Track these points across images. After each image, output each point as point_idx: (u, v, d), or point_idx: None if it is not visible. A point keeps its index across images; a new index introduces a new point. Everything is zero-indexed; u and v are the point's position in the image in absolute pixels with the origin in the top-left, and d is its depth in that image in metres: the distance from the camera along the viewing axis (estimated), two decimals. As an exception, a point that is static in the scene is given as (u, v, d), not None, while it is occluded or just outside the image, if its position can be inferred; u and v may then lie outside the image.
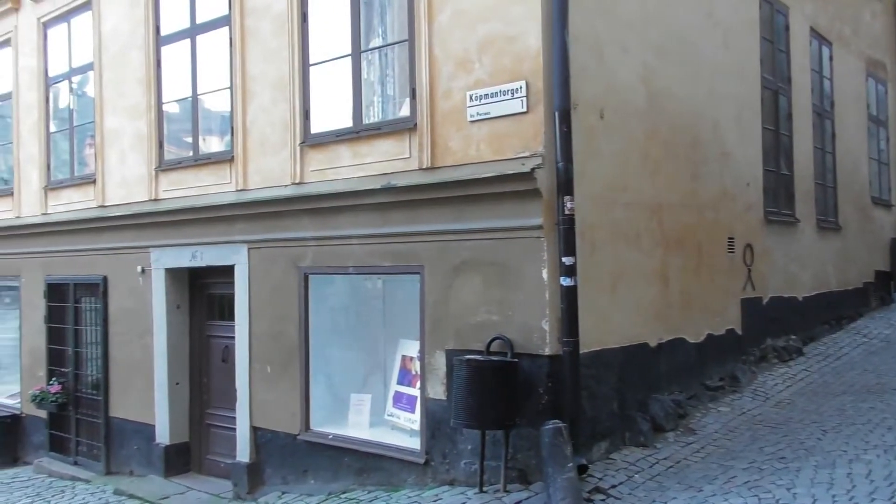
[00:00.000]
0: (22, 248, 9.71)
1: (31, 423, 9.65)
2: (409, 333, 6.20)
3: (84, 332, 9.06)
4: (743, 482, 4.84)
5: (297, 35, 6.43)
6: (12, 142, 9.89)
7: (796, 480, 4.73)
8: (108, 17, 8.38)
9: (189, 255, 7.57)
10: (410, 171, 5.71)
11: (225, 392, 7.47)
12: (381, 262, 6.05)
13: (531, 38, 5.04)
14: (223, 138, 7.47)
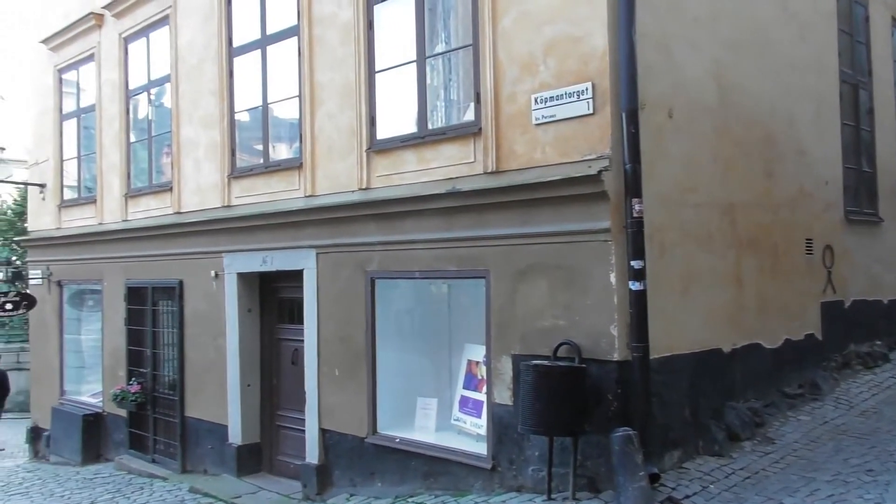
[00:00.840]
0: (104, 253, 10.15)
1: (113, 422, 10.08)
2: (475, 338, 6.19)
3: (161, 334, 9.41)
4: (827, 495, 4.63)
5: (364, 43, 6.52)
6: (96, 152, 10.36)
7: (885, 495, 4.49)
8: (184, 32, 8.69)
9: (260, 260, 7.76)
10: (475, 175, 5.70)
11: (294, 394, 7.62)
12: (446, 266, 6.07)
13: (597, 38, 4.96)
14: (292, 145, 7.63)
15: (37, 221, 12.03)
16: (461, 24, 6.06)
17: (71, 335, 11.45)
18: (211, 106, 8.30)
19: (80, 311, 11.55)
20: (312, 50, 7.05)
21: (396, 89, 6.50)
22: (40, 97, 11.83)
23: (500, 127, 5.53)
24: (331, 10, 6.84)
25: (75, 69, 11.04)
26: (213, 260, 8.30)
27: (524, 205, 5.38)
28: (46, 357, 11.63)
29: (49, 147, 11.49)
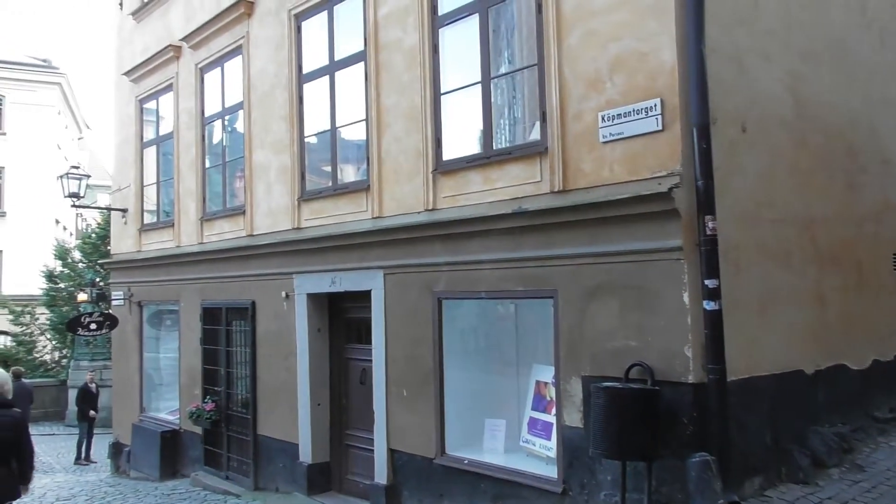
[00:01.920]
0: (181, 274, 10.53)
1: (189, 439, 10.38)
2: (543, 358, 6.12)
3: (234, 354, 9.67)
4: (923, 529, 4.34)
5: (429, 66, 6.60)
6: (173, 177, 10.80)
7: None
8: (256, 60, 9.00)
9: (329, 281, 7.89)
10: (542, 194, 5.66)
11: (363, 414, 7.69)
12: (513, 286, 6.03)
13: (665, 53, 4.87)
14: (359, 168, 7.77)
15: (119, 245, 12.60)
16: (525, 43, 6.06)
17: (150, 354, 11.88)
18: (281, 131, 8.53)
19: (158, 330, 11.99)
20: (379, 74, 7.17)
21: (461, 110, 6.55)
22: (123, 126, 12.44)
23: (567, 145, 5.48)
24: (396, 35, 6.96)
25: (155, 99, 11.57)
26: (284, 281, 8.49)
27: (592, 224, 5.31)
28: (127, 375, 12.11)
29: (131, 173, 12.04)
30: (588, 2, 5.34)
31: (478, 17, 6.18)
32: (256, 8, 9.01)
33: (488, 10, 6.13)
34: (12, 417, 5.80)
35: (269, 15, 8.77)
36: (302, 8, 8.20)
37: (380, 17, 7.16)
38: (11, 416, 5.81)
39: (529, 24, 5.91)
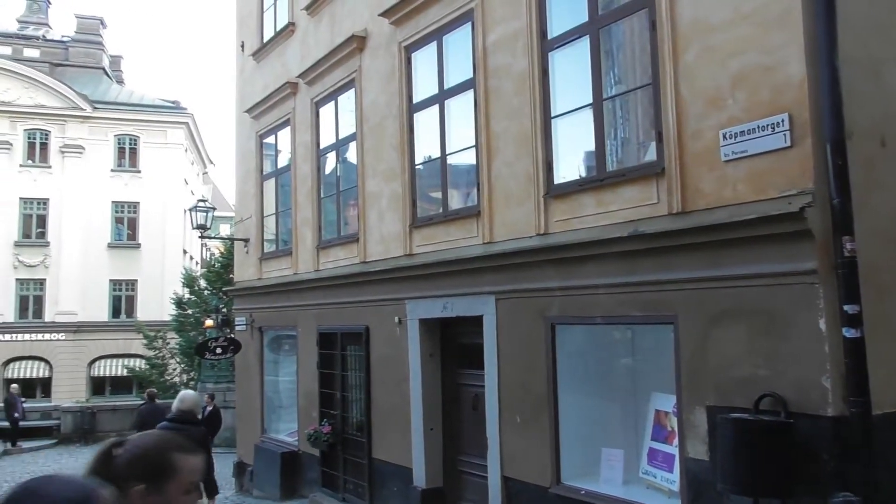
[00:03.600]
0: (299, 301, 10.94)
1: (307, 460, 10.69)
2: (663, 387, 5.88)
3: (350, 378, 9.91)
4: None
5: (539, 90, 6.59)
6: (291, 207, 11.30)
7: None
8: (367, 93, 9.32)
9: (440, 306, 7.96)
10: (659, 216, 5.48)
11: (476, 439, 7.65)
12: (630, 311, 5.85)
13: (793, 66, 4.62)
14: (469, 194, 7.83)
15: (241, 273, 13.27)
16: (639, 63, 5.93)
17: (270, 377, 12.39)
18: (393, 160, 8.75)
19: (277, 354, 12.49)
20: (488, 101, 7.23)
21: (572, 133, 6.49)
22: (244, 161, 13.17)
23: (685, 165, 5.29)
24: (506, 61, 7.01)
25: (273, 134, 12.19)
26: (397, 306, 8.64)
27: (714, 246, 5.08)
28: (249, 397, 12.66)
29: (252, 205, 12.70)
30: (706, 17, 5.17)
31: (588, 38, 6.12)
32: (368, 42, 9.35)
33: (599, 31, 6.06)
34: (200, 434, 6.83)
35: (380, 48, 9.07)
36: (412, 40, 8.43)
37: (488, 44, 7.24)
38: (200, 432, 6.86)
39: (642, 43, 5.79)
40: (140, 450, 1.87)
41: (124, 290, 33.68)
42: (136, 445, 1.88)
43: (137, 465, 1.83)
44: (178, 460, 1.88)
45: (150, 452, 1.88)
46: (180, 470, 1.87)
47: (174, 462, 1.87)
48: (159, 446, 1.93)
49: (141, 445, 1.89)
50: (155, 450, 1.90)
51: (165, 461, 1.87)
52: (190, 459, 1.91)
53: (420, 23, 8.24)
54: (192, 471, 1.90)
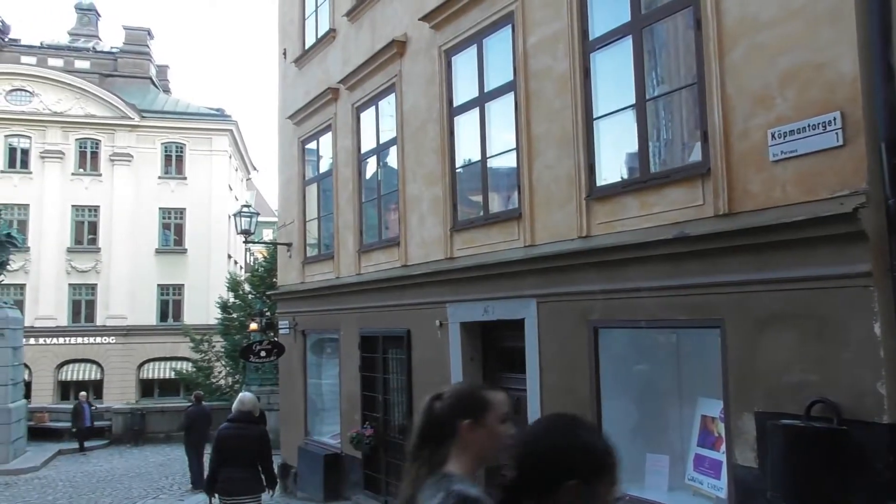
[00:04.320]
0: (341, 304, 11.05)
1: (349, 462, 10.77)
2: (709, 392, 5.76)
3: (391, 381, 9.95)
4: None
5: (580, 92, 6.54)
6: (333, 212, 11.42)
7: None
8: (408, 97, 9.37)
9: (481, 310, 7.95)
10: (704, 218, 5.38)
11: (517, 444, 7.59)
12: (674, 315, 5.75)
13: (845, 63, 4.49)
14: (510, 197, 7.80)
15: (284, 277, 13.46)
16: (683, 62, 5.84)
17: (313, 380, 12.53)
18: (433, 163, 8.78)
19: (320, 358, 12.63)
20: (529, 103, 7.20)
21: (615, 135, 6.42)
22: (287, 166, 13.37)
23: (732, 166, 5.19)
24: (546, 63, 6.97)
25: (315, 139, 12.35)
26: (438, 310, 8.65)
27: (763, 248, 4.96)
28: (293, 400, 12.82)
29: (294, 210, 12.88)
30: (753, 15, 5.06)
31: (631, 38, 6.05)
32: (408, 47, 9.40)
33: (642, 31, 5.99)
34: (258, 431, 7.51)
35: (420, 53, 9.11)
36: (452, 44, 8.45)
37: (529, 46, 7.21)
38: (258, 430, 7.52)
39: (687, 42, 5.70)
40: (459, 394, 2.23)
41: (171, 295, 34.50)
42: (454, 392, 2.23)
43: (459, 405, 2.17)
44: (490, 396, 2.22)
45: (467, 394, 2.24)
46: (493, 403, 2.19)
47: (487, 398, 2.20)
48: (473, 388, 2.31)
49: (458, 391, 2.25)
50: (470, 391, 2.27)
51: (481, 398, 2.20)
52: (498, 395, 2.24)
53: (460, 26, 8.26)
54: (502, 403, 2.22)
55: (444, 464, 2.10)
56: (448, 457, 2.11)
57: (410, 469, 2.17)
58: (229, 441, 7.25)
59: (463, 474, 2.07)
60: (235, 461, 7.16)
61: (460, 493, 1.97)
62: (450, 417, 2.14)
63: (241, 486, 7.19)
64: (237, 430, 7.29)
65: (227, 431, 7.32)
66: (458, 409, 2.15)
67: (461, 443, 2.12)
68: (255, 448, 7.31)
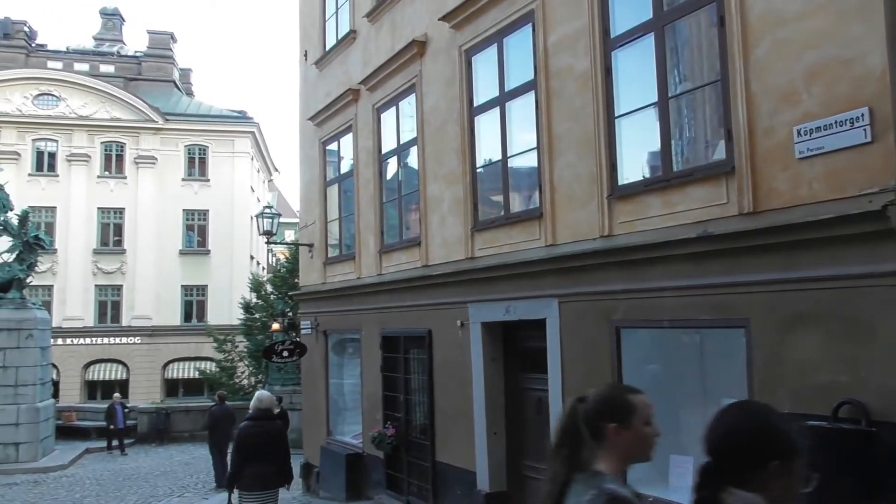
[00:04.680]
0: (362, 305, 11.08)
1: (371, 462, 10.80)
2: (733, 392, 5.66)
3: (413, 381, 9.96)
4: None
5: (602, 90, 6.49)
6: (354, 213, 11.46)
7: None
8: (428, 97, 9.37)
9: (503, 310, 7.92)
10: (729, 217, 5.31)
11: (540, 444, 7.57)
12: (698, 315, 5.68)
13: (874, 57, 4.41)
14: (531, 196, 7.77)
15: (306, 277, 13.53)
16: (706, 59, 5.77)
17: (335, 380, 12.58)
18: (454, 163, 8.77)
19: (342, 357, 12.68)
20: (550, 102, 7.17)
21: (637, 133, 6.36)
22: (308, 167, 13.44)
23: (757, 164, 5.12)
24: (567, 62, 6.93)
25: (336, 140, 12.40)
26: (459, 310, 8.64)
27: (789, 247, 4.88)
28: (315, 400, 12.89)
29: (315, 211, 12.94)
30: (778, 9, 4.99)
31: (653, 35, 5.99)
32: (428, 47, 9.40)
33: (664, 28, 5.93)
34: (277, 428, 7.81)
35: (440, 53, 9.11)
36: (472, 43, 8.43)
37: (549, 44, 7.17)
38: (277, 427, 7.85)
39: (710, 39, 5.63)
40: (603, 398, 2.25)
41: (195, 295, 34.86)
42: (599, 396, 2.26)
43: (605, 409, 2.20)
44: (634, 399, 2.25)
45: (612, 398, 2.27)
46: (638, 406, 2.23)
47: (632, 402, 2.24)
48: (617, 392, 2.34)
49: (602, 395, 2.27)
50: (615, 395, 2.29)
51: (625, 401, 2.24)
52: (640, 397, 2.27)
53: (480, 26, 8.24)
54: (645, 405, 2.25)
55: (590, 463, 2.17)
56: (594, 457, 2.18)
57: (551, 467, 2.25)
58: (250, 438, 7.44)
59: (612, 474, 2.14)
60: (256, 457, 7.34)
61: (612, 492, 2.05)
62: (595, 420, 2.20)
63: (262, 481, 7.39)
64: (257, 428, 7.52)
65: (248, 429, 7.53)
66: (603, 413, 2.20)
67: (608, 445, 2.18)
68: (275, 444, 7.52)
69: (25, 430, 18.31)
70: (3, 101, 33.91)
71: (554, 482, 2.20)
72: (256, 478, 7.37)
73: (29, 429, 18.36)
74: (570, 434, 2.22)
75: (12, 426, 18.18)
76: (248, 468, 7.37)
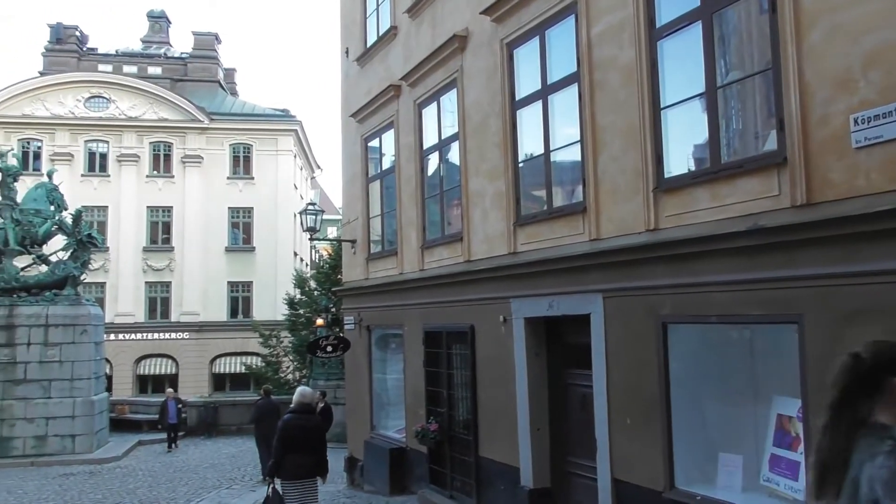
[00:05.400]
0: (404, 300, 11.11)
1: (414, 456, 10.84)
2: (786, 390, 5.53)
3: (455, 376, 9.96)
4: None
5: (647, 81, 6.36)
6: (396, 208, 11.50)
7: None
8: (470, 92, 9.33)
9: (546, 305, 7.85)
10: (781, 209, 5.16)
11: (583, 440, 7.50)
12: (748, 310, 5.54)
13: (935, 41, 4.22)
14: (574, 190, 7.68)
15: (349, 273, 13.64)
16: (757, 47, 5.61)
17: (378, 375, 12.66)
18: (495, 158, 8.72)
19: (385, 353, 12.75)
20: (593, 94, 7.06)
21: (683, 125, 6.23)
22: (350, 164, 13.53)
23: (810, 154, 4.95)
24: (611, 53, 6.82)
25: (378, 137, 12.45)
26: (501, 305, 8.60)
27: (845, 240, 4.72)
28: (358, 394, 12.99)
29: (358, 207, 13.03)
30: (833, -6, 4.81)
31: (700, 24, 5.84)
32: (469, 41, 9.36)
33: (712, 16, 5.78)
34: (317, 421, 8.39)
35: (481, 47, 9.06)
36: (514, 36, 8.36)
37: (593, 35, 7.07)
38: (317, 420, 8.45)
39: (760, 26, 5.47)
40: (882, 351, 2.33)
41: (241, 292, 35.51)
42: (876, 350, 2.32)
43: (886, 362, 2.29)
44: None
45: (890, 351, 2.34)
46: None
47: None
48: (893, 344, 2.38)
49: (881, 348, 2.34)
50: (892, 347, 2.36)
51: None
52: None
53: (522, 18, 8.16)
54: None
55: (870, 416, 2.26)
56: (874, 409, 2.25)
57: (830, 423, 2.34)
58: (291, 430, 7.84)
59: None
60: (296, 448, 7.76)
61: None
62: (874, 373, 2.26)
63: (303, 470, 7.81)
64: (299, 420, 7.95)
65: (290, 421, 7.95)
66: (884, 366, 2.27)
67: (889, 398, 2.24)
68: (315, 437, 8.01)
69: (81, 422, 18.91)
70: (57, 105, 35.02)
71: (834, 438, 2.29)
72: (296, 468, 7.76)
73: (84, 421, 18.95)
74: (850, 389, 2.29)
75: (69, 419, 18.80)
76: (288, 458, 7.76)
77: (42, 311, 19.18)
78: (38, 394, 18.76)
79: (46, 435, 18.69)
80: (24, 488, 14.71)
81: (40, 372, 18.85)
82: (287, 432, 7.83)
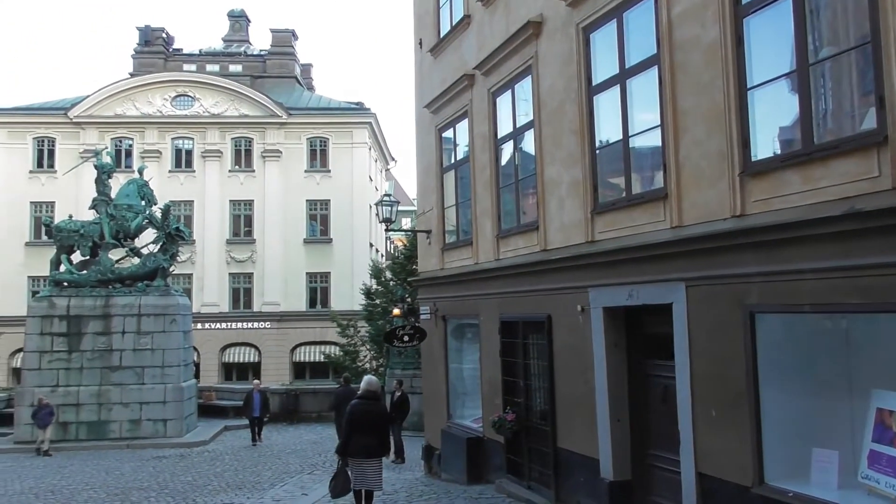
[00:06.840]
0: (480, 290, 11.10)
1: (491, 446, 10.85)
2: (886, 383, 5.24)
3: (532, 366, 9.89)
4: None
5: (732, 60, 6.10)
6: (470, 198, 11.49)
7: None
8: (545, 78, 9.20)
9: (625, 295, 7.68)
10: (881, 191, 4.85)
11: (665, 433, 7.31)
12: (844, 298, 5.25)
13: None
14: (654, 176, 7.47)
15: (424, 263, 13.74)
16: (853, 20, 5.28)
17: (454, 365, 12.72)
18: (572, 145, 8.57)
19: (460, 342, 12.79)
20: (674, 76, 6.84)
21: (771, 105, 5.95)
22: (424, 155, 13.60)
23: (914, 132, 4.64)
24: (694, 32, 6.57)
25: (452, 127, 12.45)
26: (579, 295, 8.47)
27: (954, 223, 4.41)
28: (435, 383, 13.09)
29: (432, 197, 13.09)
30: (940, -42, 4.48)
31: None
32: (544, 27, 9.22)
33: (804, -11, 5.48)
34: (381, 407, 9.24)
35: (556, 32, 8.91)
36: (590, 20, 8.18)
37: (674, 15, 6.83)
38: (381, 406, 9.26)
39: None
40: None
41: (319, 282, 36.38)
42: None
43: None
44: None
45: None
46: None
47: None
48: None
49: None
50: None
51: None
52: None
53: (598, 2, 7.97)
54: None
55: None
56: None
57: None
58: (359, 415, 8.62)
59: None
60: (364, 430, 8.53)
61: None
62: None
63: (369, 450, 8.58)
64: (366, 406, 8.73)
65: (358, 406, 8.74)
66: None
67: None
68: (379, 421, 8.73)
69: (172, 407, 19.86)
70: (146, 104, 36.69)
71: None
72: (361, 447, 8.53)
73: (174, 406, 19.89)
74: None
75: (160, 404, 19.77)
76: (354, 438, 8.54)
77: (135, 301, 20.21)
78: (132, 380, 19.82)
79: (140, 419, 19.74)
80: (121, 469, 15.58)
81: (134, 359, 19.89)
82: (354, 416, 8.61)
